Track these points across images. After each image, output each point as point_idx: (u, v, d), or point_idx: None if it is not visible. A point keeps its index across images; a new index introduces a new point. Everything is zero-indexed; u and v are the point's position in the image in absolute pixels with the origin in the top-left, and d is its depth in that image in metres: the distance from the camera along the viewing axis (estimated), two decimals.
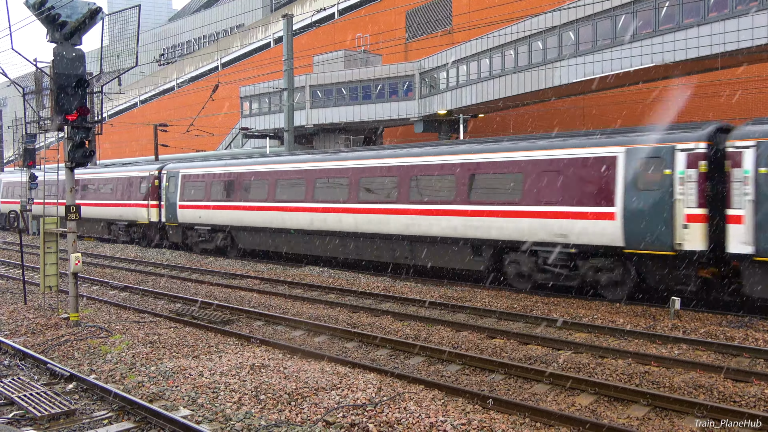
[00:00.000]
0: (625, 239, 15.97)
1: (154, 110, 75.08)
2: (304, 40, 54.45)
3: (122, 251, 30.75)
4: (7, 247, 34.00)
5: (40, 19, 14.05)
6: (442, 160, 20.11)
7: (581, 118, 40.01)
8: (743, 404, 9.28)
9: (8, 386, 10.31)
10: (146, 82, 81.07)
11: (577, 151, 17.12)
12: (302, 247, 25.06)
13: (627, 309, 15.74)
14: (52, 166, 31.46)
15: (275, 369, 10.91)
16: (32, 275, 21.76)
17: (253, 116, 48.81)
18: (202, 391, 9.88)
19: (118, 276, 22.91)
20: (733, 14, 25.04)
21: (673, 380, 10.20)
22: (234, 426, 8.53)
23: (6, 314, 16.09)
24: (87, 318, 15.40)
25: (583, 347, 12.27)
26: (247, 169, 27.29)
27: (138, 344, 12.85)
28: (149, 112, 75.84)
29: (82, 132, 14.30)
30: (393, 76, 42.21)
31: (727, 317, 14.68)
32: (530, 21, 33.20)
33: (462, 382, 10.69)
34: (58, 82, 13.84)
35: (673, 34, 26.84)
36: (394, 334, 13.73)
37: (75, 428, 8.76)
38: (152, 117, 65.84)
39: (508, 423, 8.55)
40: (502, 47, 35.30)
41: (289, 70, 36.26)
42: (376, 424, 8.41)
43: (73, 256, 14.46)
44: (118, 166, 40.59)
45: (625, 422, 8.89)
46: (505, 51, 35.21)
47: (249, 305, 17.07)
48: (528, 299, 17.14)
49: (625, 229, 15.95)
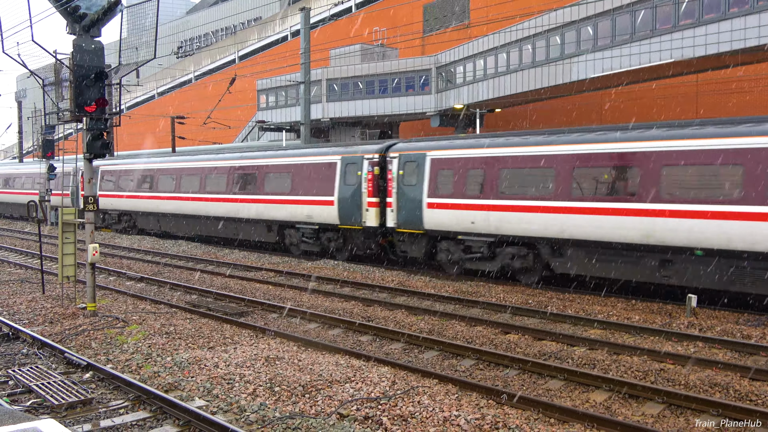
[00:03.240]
0: None
1: (172, 102, 75.33)
2: (321, 34, 54.39)
3: (139, 243, 30.92)
4: (26, 237, 34.30)
5: (60, 11, 14.14)
6: None
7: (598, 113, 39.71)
8: (759, 403, 9.20)
9: (26, 374, 10.42)
10: (164, 75, 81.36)
11: None
12: None
13: (642, 306, 15.65)
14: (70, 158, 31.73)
15: (290, 361, 10.95)
16: (50, 265, 21.95)
17: (269, 109, 48.91)
18: (217, 382, 9.93)
19: (134, 267, 23.06)
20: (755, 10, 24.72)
21: (688, 378, 10.13)
22: (248, 417, 8.57)
23: (24, 303, 16.25)
24: (104, 308, 15.52)
25: (598, 344, 12.22)
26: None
27: (154, 335, 12.93)
28: (167, 104, 76.11)
29: (101, 123, 14.40)
30: (409, 70, 42.13)
31: (744, 315, 14.55)
32: (548, 15, 32.96)
33: (476, 377, 10.67)
34: (77, 73, 13.92)
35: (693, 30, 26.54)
36: (408, 328, 13.73)
37: (92, 417, 8.83)
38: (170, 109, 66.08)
39: (522, 418, 8.53)
40: (520, 42, 35.09)
41: (306, 63, 36.27)
42: (389, 418, 8.41)
43: (91, 246, 14.57)
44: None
45: (640, 419, 8.84)
46: (523, 46, 35.00)
47: (264, 297, 17.13)
48: (543, 295, 17.08)
49: None
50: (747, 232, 14.17)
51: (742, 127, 14.81)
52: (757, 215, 14.06)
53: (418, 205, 20.16)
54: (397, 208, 20.87)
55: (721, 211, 14.52)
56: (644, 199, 15.57)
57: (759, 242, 13.99)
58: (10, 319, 14.46)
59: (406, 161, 20.74)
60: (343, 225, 22.64)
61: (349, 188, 22.29)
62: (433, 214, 19.91)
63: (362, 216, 21.92)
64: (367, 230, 22.02)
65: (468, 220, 19.10)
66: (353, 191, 22.16)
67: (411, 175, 20.51)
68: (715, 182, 14.83)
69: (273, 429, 8.18)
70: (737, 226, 14.27)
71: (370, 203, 21.70)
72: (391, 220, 21.16)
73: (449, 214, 19.49)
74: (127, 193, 33.89)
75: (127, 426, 8.52)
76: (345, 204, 22.39)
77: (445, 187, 19.63)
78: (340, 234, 23.31)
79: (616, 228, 15.96)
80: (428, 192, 19.95)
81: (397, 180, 20.84)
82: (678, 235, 15.11)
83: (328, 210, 22.95)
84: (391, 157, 21.25)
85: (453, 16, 48.11)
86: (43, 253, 19.23)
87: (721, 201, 14.52)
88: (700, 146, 15.01)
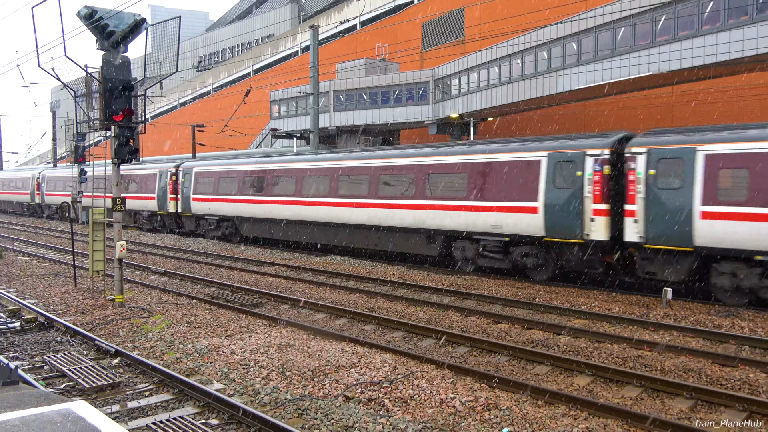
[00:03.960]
0: None
1: (192, 112, 75.37)
2: (328, 49, 54.41)
3: (163, 240, 30.88)
4: (59, 235, 34.37)
5: (90, 29, 14.16)
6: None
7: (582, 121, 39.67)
8: (729, 387, 9.20)
9: (60, 360, 10.45)
10: (185, 87, 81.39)
11: None
12: None
13: (622, 298, 15.63)
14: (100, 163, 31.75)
15: (300, 348, 10.96)
16: (81, 260, 21.98)
17: (281, 118, 48.90)
18: (233, 367, 9.95)
19: (158, 262, 23.08)
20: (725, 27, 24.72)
21: (664, 364, 10.13)
22: (262, 399, 8.58)
23: (58, 296, 16.29)
24: (130, 300, 15.55)
25: (581, 332, 12.22)
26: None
27: (176, 324, 12.95)
28: (188, 113, 76.14)
29: (127, 132, 14.43)
30: (409, 83, 42.08)
31: (715, 307, 14.53)
32: (536, 32, 32.95)
33: (470, 363, 10.68)
34: (106, 86, 13.95)
35: (669, 45, 26.53)
36: (408, 318, 13.73)
37: (120, 398, 8.86)
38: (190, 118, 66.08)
39: (512, 400, 8.54)
40: (510, 56, 35.08)
41: (315, 76, 36.28)
42: (391, 400, 8.43)
43: (119, 243, 14.60)
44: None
45: (620, 402, 8.85)
46: (513, 60, 34.99)
47: (276, 290, 17.14)
48: (531, 288, 17.06)
49: None
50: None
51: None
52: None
53: (683, 215, 14.69)
54: (645, 217, 15.29)
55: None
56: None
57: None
58: (45, 309, 14.51)
59: (661, 158, 15.21)
60: (552, 237, 17.03)
61: (562, 192, 16.80)
62: (713, 226, 14.35)
63: (584, 226, 16.30)
64: (589, 244, 16.35)
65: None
66: (569, 196, 16.64)
67: (669, 175, 15.05)
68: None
69: (285, 410, 8.19)
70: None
71: (596, 211, 16.09)
72: (634, 233, 15.51)
73: (744, 228, 13.95)
74: (230, 197, 28.34)
75: (152, 407, 8.55)
76: (555, 211, 16.86)
77: (734, 192, 14.14)
78: (542, 248, 17.67)
79: None
80: (702, 198, 14.48)
81: (645, 182, 15.35)
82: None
83: (527, 219, 17.47)
84: (632, 153, 15.67)
85: (449, 33, 48.10)
86: (75, 249, 19.25)
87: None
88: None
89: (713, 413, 8.41)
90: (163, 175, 33.20)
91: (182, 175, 31.64)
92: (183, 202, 31.50)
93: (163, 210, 33.45)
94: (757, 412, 8.25)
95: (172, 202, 32.54)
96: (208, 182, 29.90)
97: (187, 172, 31.35)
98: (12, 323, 13.22)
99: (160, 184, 33.49)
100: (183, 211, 31.63)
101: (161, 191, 33.29)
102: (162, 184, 33.27)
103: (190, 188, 30.91)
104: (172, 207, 32.55)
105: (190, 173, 31.07)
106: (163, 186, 33.20)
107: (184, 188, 31.40)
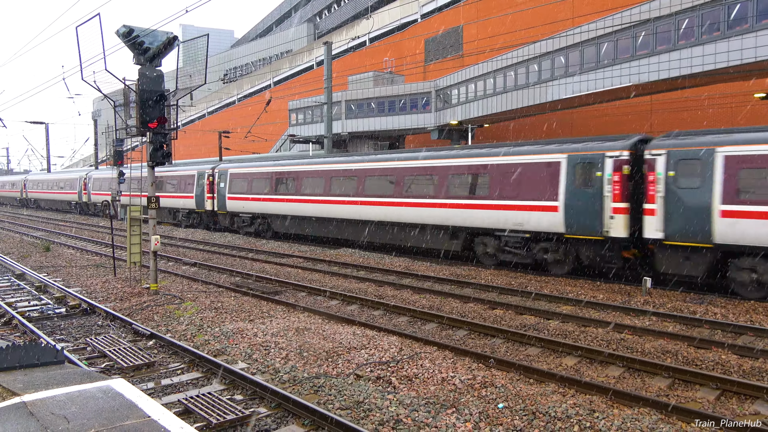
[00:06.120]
0: None
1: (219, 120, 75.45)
2: (341, 63, 54.36)
3: (193, 234, 30.89)
4: (100, 230, 34.50)
5: (128, 46, 14.19)
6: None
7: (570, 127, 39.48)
8: (704, 367, 9.13)
9: (101, 342, 10.48)
10: (212, 97, 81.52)
11: None
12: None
13: (606, 287, 15.54)
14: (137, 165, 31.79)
15: (316, 331, 10.95)
16: (120, 253, 22.06)
17: (299, 125, 48.91)
18: (256, 348, 9.95)
19: (189, 254, 23.12)
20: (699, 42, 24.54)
21: (644, 346, 10.06)
22: (282, 377, 8.58)
23: (99, 284, 16.35)
24: (164, 288, 15.59)
25: (569, 318, 12.16)
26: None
27: (205, 310, 12.97)
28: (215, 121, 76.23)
29: (161, 137, 14.46)
30: (414, 93, 42.00)
31: (690, 295, 14.43)
32: (528, 47, 32.81)
33: (468, 345, 10.64)
34: (142, 97, 13.98)
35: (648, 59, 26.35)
36: (413, 304, 13.70)
37: (154, 376, 8.88)
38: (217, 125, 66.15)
39: (506, 379, 8.50)
40: (505, 69, 34.95)
41: (329, 87, 36.23)
42: (397, 378, 8.41)
43: (153, 237, 14.64)
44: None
45: (604, 380, 8.79)
46: (507, 72, 34.85)
47: (294, 279, 17.14)
48: (523, 277, 16.99)
49: None
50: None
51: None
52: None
53: (702, 213, 14.19)
54: (665, 215, 14.82)
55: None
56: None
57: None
58: (87, 297, 14.56)
59: (680, 159, 14.69)
60: (573, 234, 16.54)
61: (582, 192, 16.37)
62: (732, 224, 13.76)
63: (603, 224, 15.82)
64: (608, 241, 15.90)
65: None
66: (589, 195, 16.18)
67: (689, 176, 14.52)
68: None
69: (302, 387, 8.19)
70: None
71: (616, 209, 15.67)
72: (654, 229, 15.03)
73: (763, 225, 13.40)
74: (262, 196, 27.97)
75: (183, 384, 8.56)
76: (575, 210, 16.40)
77: (753, 191, 13.59)
78: (561, 244, 17.17)
79: None
80: (722, 197, 13.92)
81: (665, 182, 14.85)
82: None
83: (548, 217, 17.06)
84: (653, 154, 15.18)
85: (449, 48, 47.96)
86: (115, 243, 19.30)
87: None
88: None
89: (689, 391, 8.35)
90: (201, 176, 32.95)
91: (218, 175, 31.34)
92: (219, 200, 31.22)
93: (200, 208, 33.24)
94: (729, 390, 8.19)
95: (209, 201, 32.32)
96: (242, 182, 29.64)
97: (222, 173, 31.10)
98: (58, 309, 13.28)
99: (198, 184, 33.27)
100: (219, 209, 31.35)
101: (199, 190, 33.04)
102: (200, 184, 33.04)
103: (225, 188, 30.67)
104: (209, 205, 32.33)
105: (226, 174, 30.81)
106: (200, 186, 32.95)
107: (219, 188, 31.10)
